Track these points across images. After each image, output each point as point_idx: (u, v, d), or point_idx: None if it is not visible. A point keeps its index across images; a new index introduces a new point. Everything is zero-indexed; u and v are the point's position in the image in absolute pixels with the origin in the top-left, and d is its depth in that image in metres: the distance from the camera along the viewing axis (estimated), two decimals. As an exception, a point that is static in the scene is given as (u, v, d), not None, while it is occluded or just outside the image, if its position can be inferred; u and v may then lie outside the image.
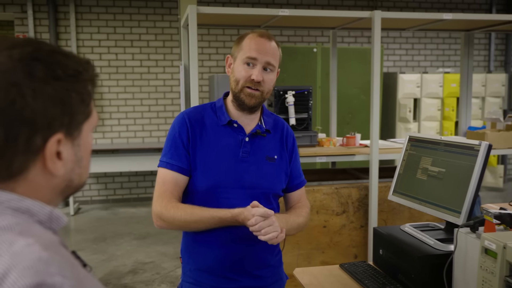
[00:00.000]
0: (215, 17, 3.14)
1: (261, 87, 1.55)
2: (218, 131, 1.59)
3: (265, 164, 1.61)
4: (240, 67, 1.55)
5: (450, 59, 7.32)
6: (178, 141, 1.56)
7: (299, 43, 6.77)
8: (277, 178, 1.64)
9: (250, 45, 1.55)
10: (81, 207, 6.24)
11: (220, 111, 1.62)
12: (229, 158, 1.57)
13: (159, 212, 1.50)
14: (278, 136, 1.69)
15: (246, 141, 1.60)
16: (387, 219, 3.40)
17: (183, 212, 1.48)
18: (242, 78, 1.54)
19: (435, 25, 3.62)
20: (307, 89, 3.47)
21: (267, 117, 1.69)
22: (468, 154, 1.64)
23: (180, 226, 1.50)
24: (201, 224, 1.48)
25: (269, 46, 1.56)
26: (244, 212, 1.43)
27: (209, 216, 1.46)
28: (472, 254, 1.44)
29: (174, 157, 1.55)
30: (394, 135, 6.58)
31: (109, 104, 6.32)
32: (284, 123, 1.75)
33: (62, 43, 6.14)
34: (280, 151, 1.67)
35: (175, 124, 1.60)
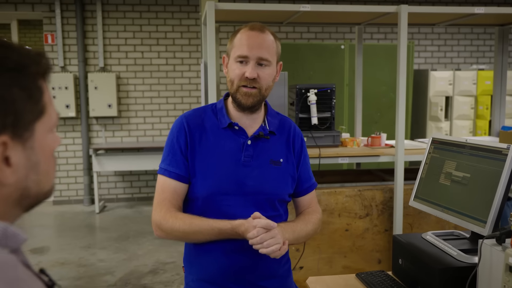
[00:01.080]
0: (234, 14, 3.06)
1: (257, 84, 1.45)
2: (219, 134, 1.51)
3: (270, 168, 1.51)
4: (234, 65, 1.47)
5: (485, 56, 7.02)
6: (176, 147, 1.49)
7: (326, 40, 6.62)
8: (282, 183, 1.54)
9: (241, 41, 1.46)
10: (107, 205, 6.30)
11: (220, 113, 1.54)
12: (230, 163, 1.48)
13: (158, 221, 1.44)
14: (284, 137, 1.59)
15: (249, 144, 1.50)
16: (413, 223, 3.25)
17: (181, 222, 1.41)
18: (236, 77, 1.46)
19: (467, 19, 3.43)
20: (330, 87, 3.35)
21: (271, 118, 1.59)
22: (495, 158, 1.51)
23: (178, 237, 1.44)
24: (200, 236, 1.41)
25: (262, 39, 1.45)
26: (245, 224, 1.35)
27: (208, 227, 1.39)
28: (497, 269, 1.32)
29: (173, 163, 1.48)
30: (425, 134, 6.36)
31: (134, 103, 6.34)
32: (291, 123, 1.65)
33: (89, 42, 6.19)
34: (287, 154, 1.56)
35: (173, 128, 1.52)
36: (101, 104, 6.11)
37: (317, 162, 3.08)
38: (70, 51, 6.18)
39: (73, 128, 6.28)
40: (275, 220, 1.51)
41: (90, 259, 4.28)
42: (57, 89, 6.04)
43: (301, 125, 3.34)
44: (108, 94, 6.11)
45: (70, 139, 6.29)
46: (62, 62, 6.14)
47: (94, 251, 4.47)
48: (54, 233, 5.23)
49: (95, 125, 6.32)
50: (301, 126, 3.34)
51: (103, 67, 6.22)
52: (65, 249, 4.56)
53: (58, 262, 4.20)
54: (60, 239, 4.94)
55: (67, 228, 5.32)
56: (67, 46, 6.17)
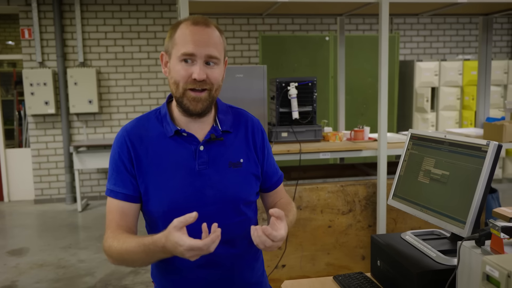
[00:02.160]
0: (209, 5, 2.96)
1: (207, 86, 1.29)
2: (167, 143, 1.34)
3: (229, 172, 1.37)
4: (178, 66, 1.28)
5: (471, 46, 6.97)
6: (120, 165, 1.34)
7: (311, 32, 6.53)
8: (246, 185, 1.41)
9: (184, 37, 1.27)
10: (90, 203, 6.17)
11: (165, 120, 1.37)
12: (185, 173, 1.33)
13: (104, 246, 1.32)
14: (242, 133, 1.43)
15: (201, 150, 1.35)
16: (397, 218, 3.19)
17: (117, 243, 1.26)
18: (181, 79, 1.28)
19: (451, 9, 3.36)
20: (311, 80, 3.27)
21: (223, 115, 1.42)
22: (475, 155, 1.43)
23: (118, 259, 1.28)
24: (132, 256, 1.24)
25: (208, 35, 1.28)
26: (168, 237, 1.14)
27: (135, 245, 1.22)
28: (476, 272, 1.24)
29: (118, 183, 1.34)
30: (411, 125, 6.32)
31: (116, 98, 6.20)
32: (247, 116, 1.49)
33: (68, 36, 6.03)
34: (247, 152, 1.42)
35: (114, 145, 1.36)
36: (82, 100, 5.97)
37: (298, 157, 3.00)
38: (48, 46, 6.02)
39: (53, 125, 6.14)
40: (243, 224, 1.41)
41: (70, 259, 4.17)
42: (36, 85, 5.89)
43: (282, 120, 3.25)
44: (89, 89, 5.96)
45: (51, 136, 6.15)
46: (40, 58, 5.98)
47: (74, 252, 4.37)
48: (34, 234, 5.10)
49: (76, 122, 6.18)
50: (282, 121, 3.25)
51: (82, 62, 6.07)
52: (45, 250, 4.45)
53: (36, 264, 4.09)
54: (40, 239, 4.82)
55: (48, 228, 5.19)
56: (45, 41, 6.00)
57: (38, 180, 6.20)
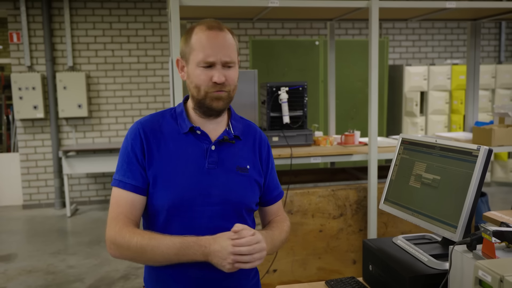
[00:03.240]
0: (200, 10, 2.96)
1: (226, 87, 1.35)
2: (179, 140, 1.38)
3: (236, 176, 1.40)
4: (197, 71, 1.33)
5: (459, 50, 7.05)
6: (132, 156, 1.36)
7: (301, 36, 6.55)
8: (250, 191, 1.43)
9: (201, 44, 1.32)
10: (79, 208, 6.12)
11: (180, 118, 1.41)
12: (193, 170, 1.35)
13: (112, 238, 1.29)
14: (250, 143, 1.48)
15: (212, 150, 1.38)
16: (387, 222, 3.20)
17: (140, 237, 1.26)
18: (202, 83, 1.33)
19: (440, 14, 3.39)
20: (302, 85, 3.27)
21: (235, 122, 1.48)
22: (466, 160, 1.44)
23: (135, 254, 1.28)
24: (157, 252, 1.25)
25: (224, 39, 1.34)
26: (218, 240, 1.24)
27: (169, 242, 1.25)
28: (468, 276, 1.25)
29: (128, 174, 1.34)
30: (400, 129, 6.35)
31: (106, 102, 6.17)
32: (256, 128, 1.54)
33: (57, 40, 5.99)
34: (253, 160, 1.46)
35: (128, 136, 1.39)
36: (71, 105, 5.92)
37: (289, 162, 3.00)
38: (37, 50, 5.97)
39: (42, 130, 6.08)
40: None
41: (59, 265, 4.13)
42: (24, 89, 5.83)
43: (273, 124, 3.25)
44: (78, 94, 5.92)
45: (39, 141, 6.09)
46: (29, 62, 5.93)
47: (63, 257, 4.32)
48: (23, 239, 5.04)
49: (65, 126, 6.13)
50: (272, 125, 3.25)
51: (72, 66, 6.02)
52: (34, 255, 4.39)
53: (25, 270, 4.04)
54: (28, 245, 4.76)
55: (37, 233, 5.14)
56: (33, 45, 5.95)
57: (26, 185, 6.14)
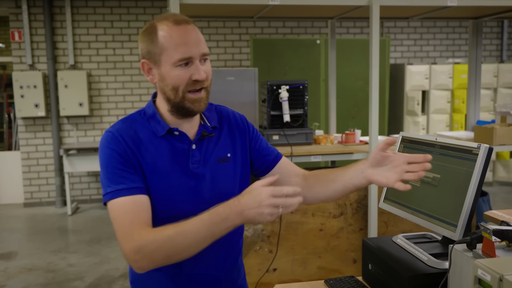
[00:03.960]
0: (201, 8, 2.95)
1: (204, 84, 1.27)
2: (158, 144, 1.29)
3: (219, 168, 1.35)
4: (175, 71, 1.24)
5: (461, 49, 7.03)
6: (121, 161, 1.24)
7: (302, 35, 6.54)
8: (236, 179, 1.39)
9: (174, 42, 1.22)
10: (80, 206, 6.12)
11: (154, 120, 1.31)
12: (179, 173, 1.30)
13: (136, 247, 1.14)
14: (226, 129, 1.41)
15: (194, 149, 1.32)
16: (388, 221, 3.19)
17: (162, 230, 1.15)
18: (182, 83, 1.24)
19: (441, 12, 3.38)
20: (302, 83, 3.26)
21: (208, 112, 1.40)
22: (466, 158, 1.43)
23: (165, 250, 1.14)
24: (189, 236, 1.13)
25: (195, 32, 1.25)
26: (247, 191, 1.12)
27: (195, 221, 1.14)
28: (468, 275, 1.24)
29: (124, 180, 1.22)
30: (402, 128, 6.34)
31: (107, 101, 6.17)
32: (228, 110, 1.47)
33: (58, 39, 5.99)
34: (232, 146, 1.40)
35: (105, 145, 1.26)
36: (72, 103, 5.92)
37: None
38: (38, 48, 5.97)
39: (43, 128, 6.08)
40: None
41: (60, 264, 4.13)
42: (26, 88, 5.84)
43: (273, 123, 3.25)
44: (79, 92, 5.92)
45: (41, 139, 6.09)
46: (31, 60, 5.93)
47: (64, 255, 4.32)
48: (24, 237, 5.05)
49: (66, 125, 6.13)
50: (273, 124, 3.25)
51: (73, 65, 6.02)
52: (34, 254, 4.40)
53: (25, 268, 4.04)
54: (29, 243, 4.77)
55: (37, 231, 5.14)
56: (35, 43, 5.95)
57: (27, 183, 6.14)
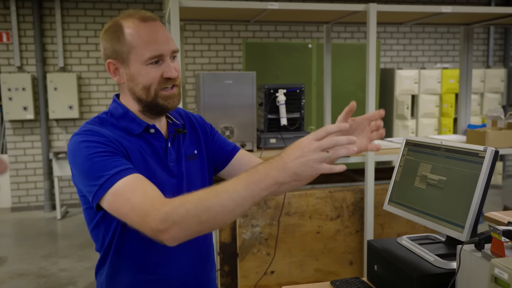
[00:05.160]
0: (200, 11, 2.95)
1: (175, 82, 1.25)
2: (135, 142, 1.23)
3: (190, 166, 1.35)
4: (145, 70, 1.19)
5: (449, 54, 7.14)
6: (105, 148, 1.13)
7: (294, 39, 6.58)
8: (206, 174, 1.41)
9: (143, 39, 1.18)
10: (69, 211, 6.06)
11: (126, 119, 1.25)
12: (162, 172, 1.26)
13: (163, 214, 0.99)
14: (188, 127, 1.41)
15: (170, 147, 1.30)
16: (384, 223, 3.22)
17: (191, 194, 1.01)
18: (154, 81, 1.20)
19: (434, 18, 3.44)
20: (299, 87, 3.29)
21: (172, 112, 1.38)
22: (472, 161, 1.46)
23: (197, 214, 0.98)
24: (225, 195, 0.98)
25: (163, 29, 1.23)
26: (287, 147, 0.97)
27: (231, 181, 0.99)
28: (477, 275, 1.27)
29: (116, 163, 1.10)
30: (391, 133, 6.41)
31: (97, 104, 6.12)
32: (185, 111, 1.47)
33: (48, 40, 5.94)
34: (198, 143, 1.41)
35: (80, 142, 1.14)
36: (62, 106, 5.87)
37: (287, 164, 3.01)
38: (27, 50, 5.90)
39: (32, 131, 6.01)
40: None
41: (51, 269, 4.08)
42: (14, 90, 5.77)
43: (270, 126, 3.26)
44: (69, 95, 5.87)
45: (29, 142, 6.02)
46: (19, 62, 5.86)
47: (55, 260, 4.27)
48: (12, 242, 4.98)
49: (56, 128, 6.06)
50: (270, 127, 3.26)
51: (63, 67, 5.97)
52: (24, 259, 4.34)
53: (16, 274, 3.98)
54: (18, 248, 4.70)
55: (27, 236, 5.07)
56: (23, 45, 5.89)
57: (15, 188, 6.06)
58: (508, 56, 7.32)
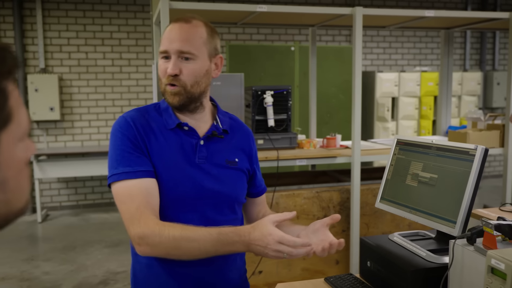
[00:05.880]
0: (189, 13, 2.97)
1: (178, 81, 1.31)
2: (168, 136, 1.35)
3: (226, 169, 1.40)
4: (160, 62, 1.33)
5: (427, 58, 7.30)
6: (129, 145, 1.29)
7: (276, 42, 6.64)
8: (240, 184, 1.44)
9: (164, 35, 1.34)
10: (50, 214, 5.97)
11: (166, 113, 1.38)
12: (185, 165, 1.34)
13: (141, 233, 1.19)
14: (238, 137, 1.48)
15: (201, 145, 1.37)
16: (369, 222, 3.29)
17: (171, 228, 1.18)
18: (162, 75, 1.33)
19: (416, 22, 3.53)
20: (286, 89, 3.33)
21: (222, 116, 1.47)
22: (463, 159, 1.52)
23: (167, 247, 1.19)
24: (193, 244, 1.17)
25: (185, 30, 1.31)
26: (258, 227, 1.15)
27: (204, 232, 1.17)
28: (470, 268, 1.32)
29: (132, 163, 1.26)
30: (372, 134, 6.51)
31: (79, 105, 6.06)
32: (242, 123, 1.55)
33: (28, 41, 5.85)
34: (241, 154, 1.46)
35: (117, 129, 1.32)
36: (43, 107, 5.79)
37: (276, 164, 3.05)
38: (7, 51, 5.80)
39: (12, 133, 5.91)
40: (235, 223, 1.43)
41: (34, 272, 4.02)
42: (-7, 91, 5.66)
43: (258, 127, 3.29)
44: (50, 96, 5.80)
45: (9, 144, 5.91)
46: (-1, 63, 5.75)
47: (37, 264, 4.21)
48: (-7, 246, 4.88)
49: (36, 130, 5.98)
50: (257, 128, 3.30)
51: (44, 68, 5.89)
52: (5, 262, 4.26)
53: (-2, 277, 3.92)
54: (-1, 251, 4.62)
55: (6, 239, 4.98)
56: (3, 46, 5.79)
57: (-6, 190, 5.94)
58: (484, 60, 7.53)
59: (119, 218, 5.70)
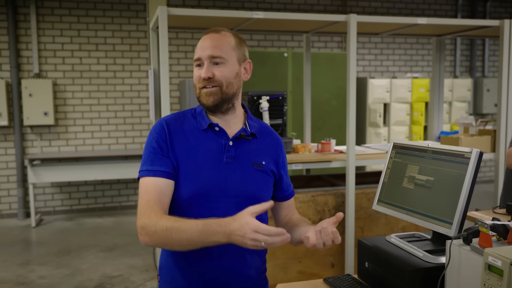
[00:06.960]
0: (187, 20, 3.01)
1: (214, 83, 1.43)
2: (199, 136, 1.47)
3: (252, 170, 1.48)
4: (194, 70, 1.47)
5: (418, 64, 7.41)
6: (156, 147, 1.43)
7: (269, 48, 6.70)
8: (265, 186, 1.52)
9: (197, 47, 1.47)
10: (44, 218, 5.95)
11: (200, 116, 1.51)
12: (212, 163, 1.44)
13: (142, 223, 1.32)
14: (267, 141, 1.57)
15: (230, 145, 1.47)
16: (363, 226, 3.34)
17: (165, 220, 1.29)
18: (196, 81, 1.46)
19: (408, 30, 3.60)
20: (282, 94, 3.38)
21: (251, 121, 1.57)
22: (458, 162, 1.57)
23: (161, 237, 1.29)
24: (182, 234, 1.26)
25: (215, 39, 1.45)
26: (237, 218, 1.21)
27: (192, 224, 1.26)
28: (466, 268, 1.37)
29: (155, 163, 1.41)
30: (364, 139, 6.58)
31: (73, 110, 6.06)
32: (273, 131, 1.65)
33: (23, 46, 5.85)
34: (268, 158, 1.54)
35: (152, 131, 1.47)
36: (37, 112, 5.78)
37: (272, 168, 3.09)
38: (1, 56, 5.80)
39: (5, 138, 5.90)
40: None
41: (30, 276, 4.02)
42: (-13, 96, 5.65)
43: (254, 132, 3.34)
44: (44, 101, 5.80)
45: (2, 149, 5.90)
46: (-8, 68, 5.76)
47: (33, 268, 4.21)
48: (-14, 251, 4.86)
49: (30, 134, 5.97)
50: (254, 133, 3.34)
51: (38, 73, 5.89)
52: (1, 266, 4.25)
53: (-7, 282, 3.90)
54: (-7, 256, 4.60)
55: (1, 244, 4.96)
56: (-3, 51, 5.79)
57: (-13, 195, 5.92)
58: (474, 67, 7.65)
59: (113, 222, 5.71)
